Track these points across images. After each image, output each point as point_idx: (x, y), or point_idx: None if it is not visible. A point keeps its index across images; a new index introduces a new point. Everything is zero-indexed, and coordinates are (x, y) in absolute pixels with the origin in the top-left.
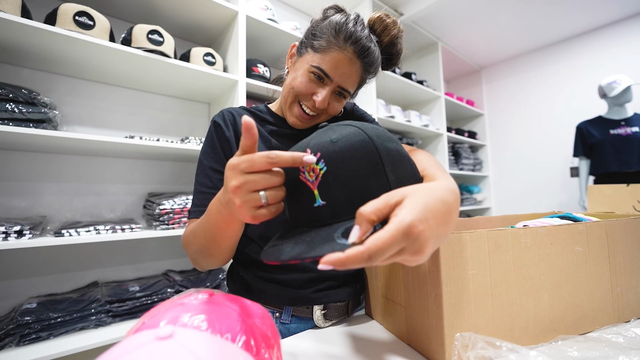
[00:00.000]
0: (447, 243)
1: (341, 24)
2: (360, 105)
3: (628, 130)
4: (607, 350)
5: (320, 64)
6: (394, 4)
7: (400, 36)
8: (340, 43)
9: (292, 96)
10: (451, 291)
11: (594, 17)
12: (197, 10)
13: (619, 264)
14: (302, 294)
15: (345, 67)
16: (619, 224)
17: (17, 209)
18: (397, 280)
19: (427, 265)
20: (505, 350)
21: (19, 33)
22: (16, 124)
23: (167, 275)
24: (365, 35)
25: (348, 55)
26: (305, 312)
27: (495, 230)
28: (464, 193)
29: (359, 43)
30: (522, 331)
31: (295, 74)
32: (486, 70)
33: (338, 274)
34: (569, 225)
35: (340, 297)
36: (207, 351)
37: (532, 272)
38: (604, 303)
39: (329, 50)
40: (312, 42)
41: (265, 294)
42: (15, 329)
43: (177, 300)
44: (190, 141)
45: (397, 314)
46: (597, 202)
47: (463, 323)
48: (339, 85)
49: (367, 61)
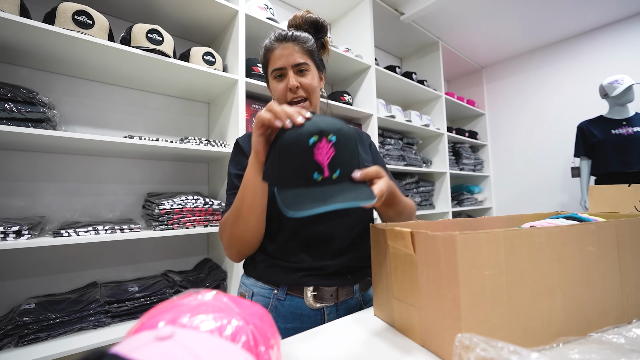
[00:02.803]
0: (464, 243)
1: (266, 42)
2: (361, 105)
3: (630, 130)
4: (609, 353)
5: (273, 67)
6: (394, 4)
7: (309, 12)
8: (270, 46)
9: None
10: (468, 292)
11: (595, 17)
12: (197, 10)
13: (628, 264)
14: (294, 277)
15: (284, 52)
16: (628, 223)
17: (15, 209)
18: (410, 281)
19: (442, 266)
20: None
21: (18, 32)
22: (15, 124)
23: (166, 275)
24: (281, 30)
25: (278, 45)
26: (297, 292)
27: (510, 230)
28: (465, 193)
29: (280, 35)
30: (537, 332)
31: (273, 91)
32: (487, 70)
33: (329, 266)
34: (581, 225)
35: (328, 283)
36: (207, 351)
37: (546, 273)
38: (614, 303)
39: (270, 56)
40: (264, 65)
41: (267, 274)
42: (13, 330)
43: (176, 301)
44: (189, 141)
45: (410, 315)
46: (598, 203)
47: (480, 325)
48: (292, 65)
49: (294, 37)
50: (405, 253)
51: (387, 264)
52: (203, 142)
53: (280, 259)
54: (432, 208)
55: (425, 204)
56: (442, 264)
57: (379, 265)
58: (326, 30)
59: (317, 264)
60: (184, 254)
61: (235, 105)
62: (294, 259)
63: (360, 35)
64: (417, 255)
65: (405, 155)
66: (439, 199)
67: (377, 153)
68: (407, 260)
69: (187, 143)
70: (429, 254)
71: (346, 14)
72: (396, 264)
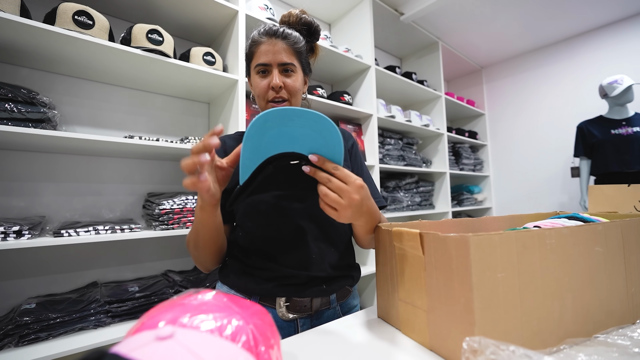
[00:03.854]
0: (477, 245)
1: (254, 33)
2: (361, 105)
3: (629, 130)
4: (617, 357)
5: (257, 61)
6: (394, 4)
7: (304, 12)
8: (258, 40)
9: (262, 101)
10: (482, 295)
11: (595, 17)
12: (197, 10)
13: (633, 264)
14: (266, 287)
15: (272, 48)
16: (633, 223)
17: (16, 209)
18: (418, 283)
19: (454, 268)
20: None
21: (18, 32)
22: (15, 124)
23: (166, 275)
24: (272, 25)
25: (267, 40)
26: (270, 302)
27: (522, 231)
28: (465, 193)
29: (270, 30)
30: (548, 335)
31: (254, 87)
32: (487, 70)
33: (300, 275)
34: (589, 225)
35: (302, 294)
36: (207, 351)
37: (557, 274)
38: (619, 303)
39: (256, 49)
40: (248, 57)
41: (239, 283)
42: (14, 330)
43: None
44: (190, 141)
45: (418, 318)
46: (598, 203)
47: (493, 328)
48: (278, 63)
49: (285, 36)
50: (413, 254)
51: (393, 266)
52: None
53: (250, 266)
54: (432, 208)
55: (425, 204)
56: (454, 266)
57: (384, 266)
58: (318, 36)
59: (287, 272)
60: (184, 254)
61: (235, 105)
62: (260, 265)
63: (360, 36)
64: (426, 256)
65: (405, 155)
66: (438, 199)
67: (357, 155)
68: (415, 262)
69: (187, 143)
70: (440, 256)
71: (346, 14)
72: (403, 265)
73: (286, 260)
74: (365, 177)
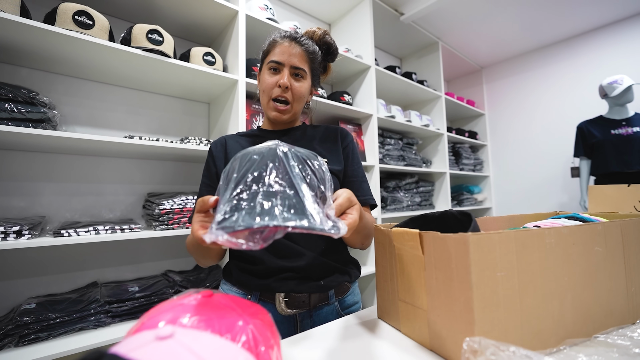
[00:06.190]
0: (477, 244)
1: (275, 34)
2: (361, 105)
3: (629, 131)
4: (617, 357)
5: (271, 58)
6: (394, 4)
7: (327, 34)
8: (278, 39)
9: (266, 97)
10: (481, 294)
11: (595, 17)
12: (197, 10)
13: (633, 264)
14: (266, 283)
15: (288, 50)
16: (633, 223)
17: (16, 209)
18: (418, 283)
19: (453, 268)
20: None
21: (18, 32)
22: (15, 124)
23: (166, 275)
24: (295, 31)
25: (287, 43)
26: (269, 298)
27: (521, 231)
28: (465, 193)
29: (292, 35)
30: (547, 335)
31: (262, 82)
32: (487, 70)
33: (299, 267)
34: (588, 225)
35: (300, 289)
36: (207, 351)
37: (557, 274)
38: (619, 303)
39: (273, 47)
40: (264, 54)
41: (240, 279)
42: (14, 330)
43: (176, 301)
44: (190, 141)
45: (418, 318)
46: (598, 203)
47: (493, 328)
48: (291, 65)
49: (304, 44)
50: (413, 254)
51: (393, 266)
52: (203, 143)
53: (250, 262)
54: (432, 208)
55: (425, 204)
56: (454, 265)
57: (384, 266)
58: (335, 57)
59: (283, 265)
60: (184, 254)
61: (235, 105)
62: (258, 261)
63: (360, 36)
64: (425, 256)
65: (405, 155)
66: (438, 199)
67: (354, 153)
68: (415, 261)
69: (187, 143)
70: (439, 255)
71: (346, 14)
72: (402, 265)
73: (279, 253)
74: (360, 175)
